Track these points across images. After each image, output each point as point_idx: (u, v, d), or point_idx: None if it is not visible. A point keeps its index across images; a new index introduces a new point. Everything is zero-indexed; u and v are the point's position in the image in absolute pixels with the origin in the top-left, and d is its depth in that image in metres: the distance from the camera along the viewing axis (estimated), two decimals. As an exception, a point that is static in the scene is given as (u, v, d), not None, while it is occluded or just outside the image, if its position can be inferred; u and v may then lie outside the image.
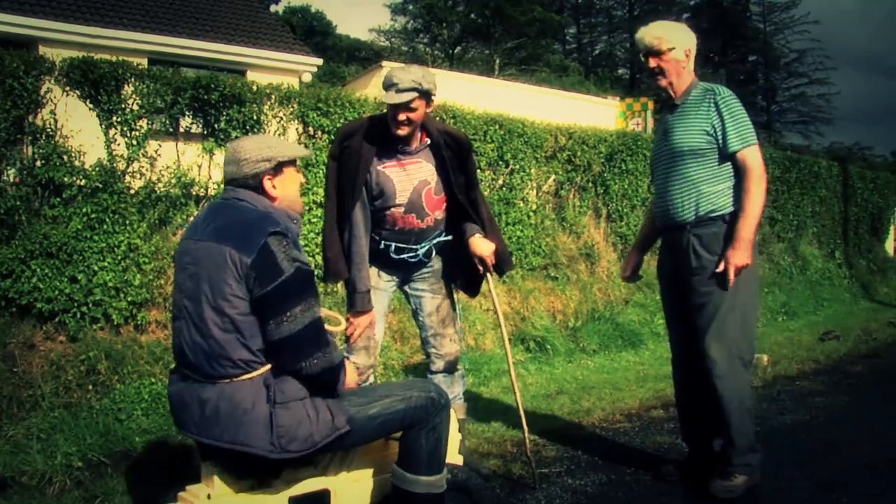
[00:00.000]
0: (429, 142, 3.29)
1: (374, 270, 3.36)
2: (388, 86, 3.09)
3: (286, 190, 2.45)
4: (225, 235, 2.27)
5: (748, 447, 3.38)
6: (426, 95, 3.11)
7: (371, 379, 3.38)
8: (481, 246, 3.36)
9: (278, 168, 2.42)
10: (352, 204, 3.19)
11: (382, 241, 3.31)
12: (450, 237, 3.44)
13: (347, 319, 3.23)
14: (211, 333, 2.23)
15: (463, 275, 3.57)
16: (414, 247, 3.34)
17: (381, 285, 3.39)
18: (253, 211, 2.35)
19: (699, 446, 3.56)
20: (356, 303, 3.24)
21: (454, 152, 3.32)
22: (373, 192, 3.23)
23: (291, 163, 2.47)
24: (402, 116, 3.10)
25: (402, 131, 3.14)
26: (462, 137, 3.42)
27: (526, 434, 3.58)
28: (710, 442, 3.49)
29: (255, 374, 2.26)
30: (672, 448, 4.00)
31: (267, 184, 2.40)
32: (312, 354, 2.27)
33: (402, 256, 3.33)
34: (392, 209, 3.24)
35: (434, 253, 3.44)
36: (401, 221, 3.27)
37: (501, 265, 3.48)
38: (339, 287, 5.60)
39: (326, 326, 2.41)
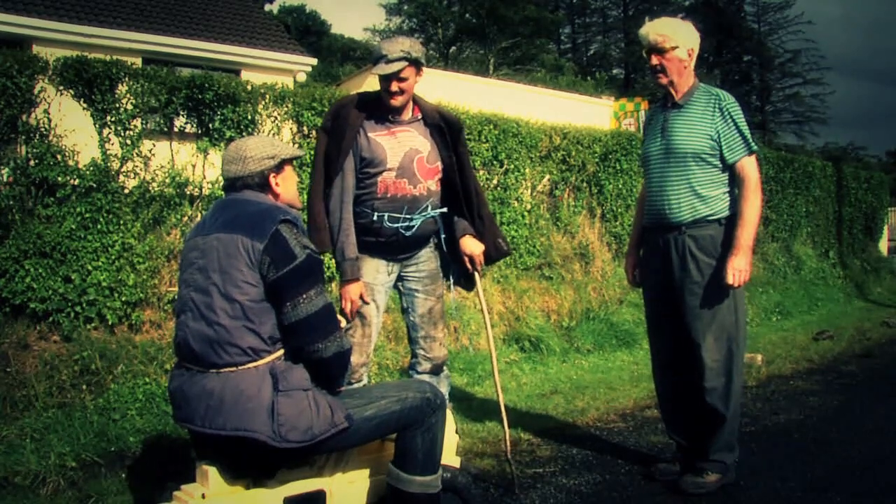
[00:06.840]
0: (420, 115, 3.35)
1: (373, 265, 3.35)
2: (378, 58, 3.17)
3: (287, 187, 2.56)
4: (235, 226, 2.34)
5: (727, 446, 3.40)
6: (416, 64, 3.19)
7: (364, 379, 3.37)
8: (471, 245, 3.42)
9: (281, 165, 2.53)
10: (338, 168, 3.22)
11: (375, 213, 3.27)
12: (444, 209, 3.42)
13: (341, 311, 3.22)
14: (219, 321, 2.26)
15: (457, 270, 3.59)
16: (407, 216, 3.28)
17: (379, 281, 3.37)
18: (261, 204, 2.43)
19: (687, 439, 3.56)
20: (346, 271, 3.22)
21: (445, 131, 3.36)
22: (363, 159, 3.24)
23: (290, 161, 2.58)
24: (394, 87, 3.18)
25: (396, 101, 3.22)
26: (453, 118, 3.46)
27: (507, 437, 3.54)
28: (697, 434, 3.48)
29: (261, 362, 2.28)
30: (666, 447, 4.00)
31: (272, 181, 2.50)
32: (327, 336, 2.33)
33: (395, 226, 3.26)
34: (383, 174, 3.24)
35: (430, 244, 3.45)
36: (392, 188, 3.25)
37: (498, 252, 3.52)
38: (333, 287, 5.59)
39: None
